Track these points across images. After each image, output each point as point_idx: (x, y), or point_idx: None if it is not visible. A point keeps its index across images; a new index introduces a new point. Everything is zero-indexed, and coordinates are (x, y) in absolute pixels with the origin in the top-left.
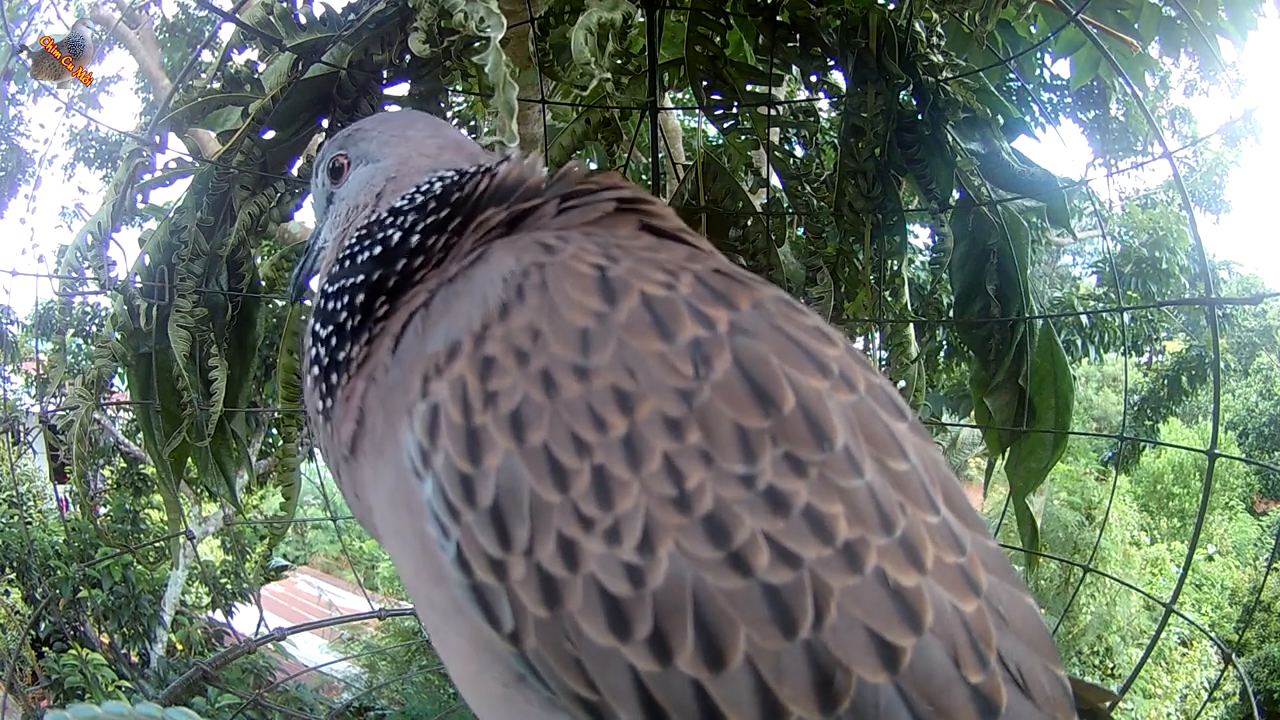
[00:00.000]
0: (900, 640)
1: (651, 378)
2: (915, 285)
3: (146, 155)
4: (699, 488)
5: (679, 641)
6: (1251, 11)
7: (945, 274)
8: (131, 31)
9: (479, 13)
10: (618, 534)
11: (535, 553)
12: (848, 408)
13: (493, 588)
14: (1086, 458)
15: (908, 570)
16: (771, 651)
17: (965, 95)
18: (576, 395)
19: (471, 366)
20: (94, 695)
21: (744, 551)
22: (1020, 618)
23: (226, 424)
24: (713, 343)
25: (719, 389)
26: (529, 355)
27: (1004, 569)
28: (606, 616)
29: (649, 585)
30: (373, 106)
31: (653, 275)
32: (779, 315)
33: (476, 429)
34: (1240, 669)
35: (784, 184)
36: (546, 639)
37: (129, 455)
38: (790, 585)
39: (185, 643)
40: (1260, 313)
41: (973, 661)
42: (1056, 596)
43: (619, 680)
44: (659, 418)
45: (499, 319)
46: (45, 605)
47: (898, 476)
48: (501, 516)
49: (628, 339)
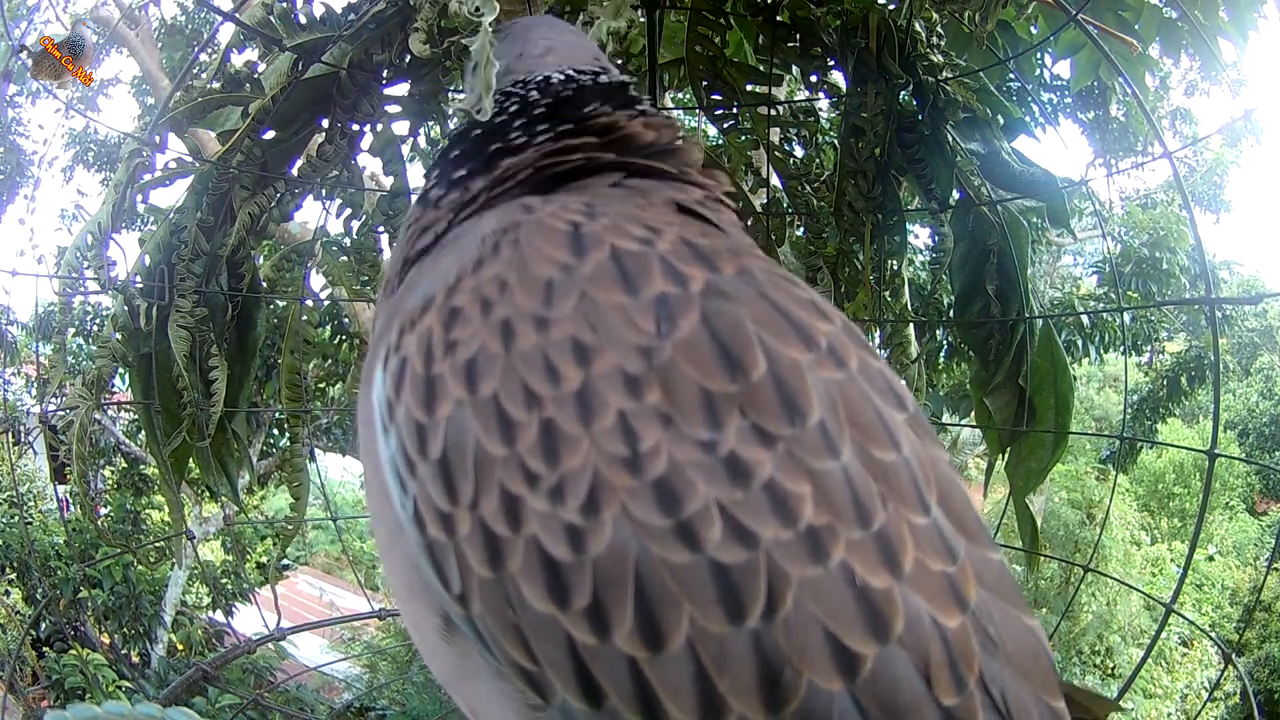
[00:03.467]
0: (861, 647)
1: (610, 332)
2: (915, 285)
3: (146, 155)
4: (653, 449)
5: (618, 615)
6: (1252, 12)
7: (945, 274)
8: (131, 32)
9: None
10: (561, 492)
11: (479, 507)
12: (831, 384)
13: (442, 544)
14: (1086, 457)
15: (879, 570)
16: (715, 637)
17: (965, 95)
18: (532, 346)
19: (439, 317)
20: (94, 695)
21: (694, 522)
22: (1015, 640)
23: (228, 424)
24: (680, 300)
25: (682, 348)
26: (493, 305)
27: (1004, 585)
28: (546, 581)
29: (590, 550)
30: (373, 106)
31: (631, 231)
32: (768, 284)
33: (434, 378)
34: (1240, 669)
35: (784, 184)
36: (490, 602)
37: (129, 455)
38: (742, 565)
39: (186, 643)
40: (1261, 313)
41: (947, 682)
42: (1056, 596)
43: (556, 651)
44: (617, 373)
45: (471, 272)
46: (45, 605)
47: (882, 466)
48: (449, 468)
49: (590, 290)
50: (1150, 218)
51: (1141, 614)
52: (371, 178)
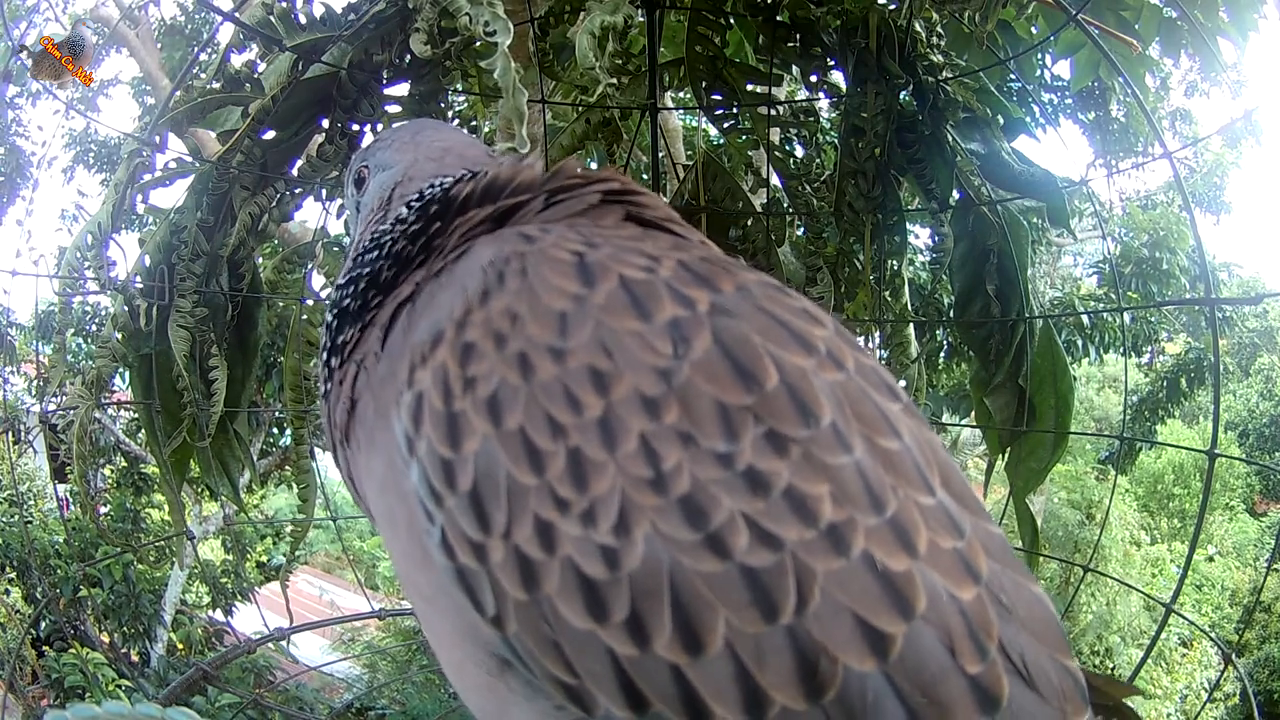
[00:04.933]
0: (889, 627)
1: (629, 357)
2: (915, 285)
3: (146, 155)
4: (676, 468)
5: (656, 625)
6: (1252, 13)
7: (945, 274)
8: (131, 32)
9: (484, 16)
10: (593, 516)
11: (513, 535)
12: (835, 385)
13: (475, 571)
14: (1086, 457)
15: (898, 554)
16: (752, 636)
17: (965, 95)
18: (552, 377)
19: (452, 353)
20: (94, 694)
21: (722, 533)
22: (1025, 606)
23: (229, 424)
24: (692, 322)
25: (698, 367)
26: (507, 339)
27: (1008, 555)
28: (583, 599)
29: (625, 567)
30: (373, 106)
31: (633, 260)
32: (763, 297)
33: (456, 414)
34: (1240, 669)
35: (784, 184)
36: (526, 622)
37: (129, 454)
38: (770, 568)
39: (185, 642)
40: (1261, 313)
41: (970, 651)
42: (1056, 596)
43: (597, 664)
44: (636, 397)
45: (479, 305)
46: (45, 604)
47: (889, 455)
48: (480, 500)
49: (605, 319)
50: (1150, 218)
51: (1141, 614)
52: None
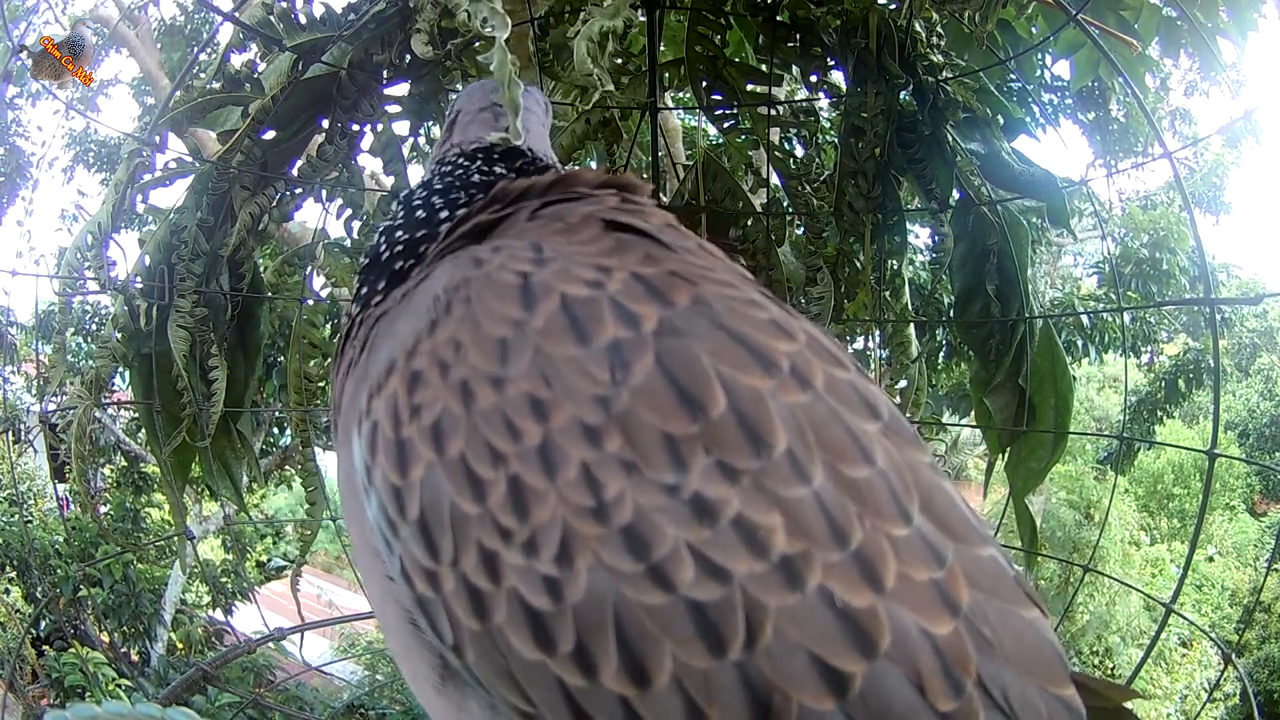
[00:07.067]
0: (848, 666)
1: (566, 384)
2: (915, 285)
3: (146, 155)
4: (618, 497)
5: (602, 657)
6: (1252, 13)
7: (945, 274)
8: (131, 32)
9: (482, 13)
10: (535, 546)
11: (460, 564)
12: (796, 408)
13: (431, 600)
14: (1085, 458)
15: (860, 589)
16: (700, 671)
17: (965, 95)
18: (491, 405)
19: (402, 381)
20: (94, 694)
21: (665, 564)
22: (1013, 637)
23: (232, 424)
24: (634, 344)
25: (638, 393)
26: (450, 367)
27: (999, 581)
28: (531, 630)
29: (569, 599)
30: (373, 106)
31: (580, 275)
32: (724, 311)
33: (404, 441)
34: (1240, 669)
35: (784, 184)
36: (481, 652)
37: (129, 454)
38: (717, 602)
39: (186, 642)
40: (1261, 314)
41: (943, 689)
42: (1056, 596)
43: (549, 694)
44: (576, 425)
45: (428, 335)
46: (45, 604)
47: (856, 484)
48: (428, 528)
49: (543, 345)
50: (1150, 218)
51: (1141, 614)
52: (371, 177)
